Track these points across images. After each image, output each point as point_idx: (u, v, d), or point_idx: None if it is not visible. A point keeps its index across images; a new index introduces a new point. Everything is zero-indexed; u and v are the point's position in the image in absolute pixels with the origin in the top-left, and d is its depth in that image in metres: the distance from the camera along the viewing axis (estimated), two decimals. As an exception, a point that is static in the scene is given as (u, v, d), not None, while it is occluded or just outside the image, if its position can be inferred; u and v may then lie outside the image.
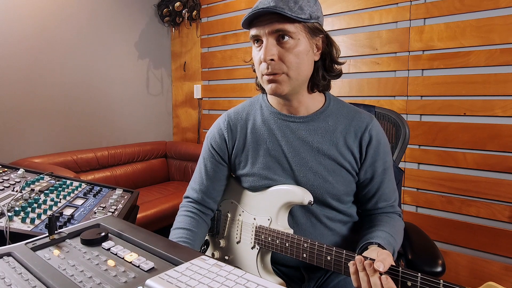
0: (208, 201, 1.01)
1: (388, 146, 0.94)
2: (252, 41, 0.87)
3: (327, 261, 0.79)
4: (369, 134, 0.90)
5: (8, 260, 0.59)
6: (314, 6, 0.83)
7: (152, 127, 3.17)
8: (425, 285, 0.65)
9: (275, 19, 0.79)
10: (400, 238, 0.90)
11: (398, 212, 0.96)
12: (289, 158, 0.91)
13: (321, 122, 0.91)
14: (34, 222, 0.85)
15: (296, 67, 0.83)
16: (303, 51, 0.83)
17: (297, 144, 0.91)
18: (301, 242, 0.83)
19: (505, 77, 1.71)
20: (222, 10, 2.86)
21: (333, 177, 0.89)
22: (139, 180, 2.78)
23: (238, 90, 2.80)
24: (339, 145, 0.90)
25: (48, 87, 2.40)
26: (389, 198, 0.94)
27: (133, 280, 0.55)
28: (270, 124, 0.94)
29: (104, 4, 2.71)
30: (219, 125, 1.00)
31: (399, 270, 0.68)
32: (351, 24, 2.17)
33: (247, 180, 0.97)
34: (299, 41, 0.82)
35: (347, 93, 2.16)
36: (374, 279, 0.67)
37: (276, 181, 0.92)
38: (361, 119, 0.91)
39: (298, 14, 0.79)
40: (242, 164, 0.97)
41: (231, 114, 1.00)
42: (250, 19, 0.82)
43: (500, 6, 1.70)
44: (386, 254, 0.71)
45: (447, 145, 1.89)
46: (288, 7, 0.78)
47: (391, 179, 0.95)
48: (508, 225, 1.75)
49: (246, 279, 0.53)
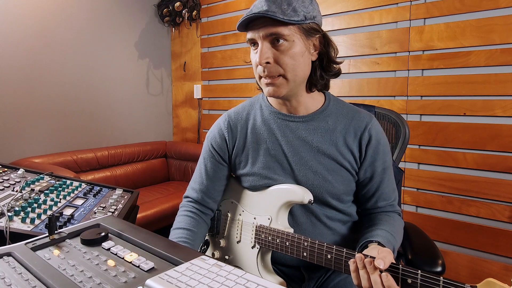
0: (208, 201, 1.01)
1: (387, 145, 0.95)
2: (249, 43, 0.87)
3: (327, 260, 0.79)
4: (368, 134, 0.90)
5: (8, 260, 0.59)
6: (309, 6, 0.83)
7: (152, 127, 3.17)
8: (425, 282, 0.65)
9: (269, 22, 0.80)
10: (400, 237, 0.90)
11: (398, 211, 0.97)
12: (289, 157, 0.91)
13: (320, 121, 0.91)
14: (34, 222, 0.85)
15: (292, 69, 0.83)
16: (298, 53, 0.83)
17: (297, 144, 0.91)
18: (301, 241, 0.83)
19: (505, 77, 1.71)
20: (222, 10, 2.86)
21: (333, 176, 0.89)
22: (139, 180, 2.78)
23: (238, 90, 2.80)
24: (339, 145, 0.90)
25: (48, 87, 2.40)
26: (389, 197, 0.95)
27: (133, 280, 0.55)
28: (270, 123, 0.94)
29: (104, 4, 2.71)
30: (219, 125, 1.01)
31: (399, 268, 0.68)
32: (351, 24, 2.17)
33: (247, 179, 0.97)
34: (293, 43, 0.82)
35: (347, 93, 2.16)
36: (374, 276, 0.68)
37: (276, 180, 0.93)
38: (360, 119, 0.92)
39: (291, 16, 0.79)
40: (243, 164, 0.98)
41: (232, 114, 1.01)
42: (245, 23, 0.83)
43: (500, 6, 1.70)
44: (387, 252, 0.71)
45: (447, 145, 1.89)
46: (281, 10, 0.78)
47: (390, 179, 0.95)
48: (508, 225, 1.75)
49: (246, 279, 0.53)
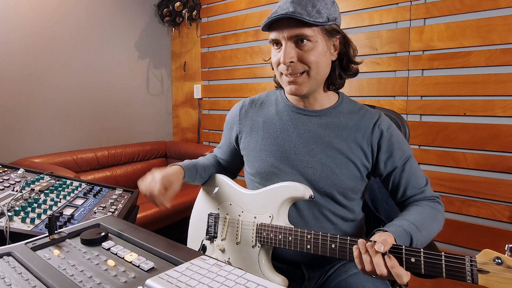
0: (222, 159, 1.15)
1: (401, 136, 0.95)
2: (272, 43, 0.90)
3: (331, 249, 0.80)
4: (379, 129, 0.91)
5: (8, 260, 0.59)
6: (331, 8, 0.86)
7: (152, 127, 3.17)
8: (427, 259, 0.68)
9: (294, 23, 0.83)
10: (428, 224, 0.86)
11: (431, 197, 0.94)
12: (299, 148, 0.93)
13: (333, 117, 0.94)
14: (34, 222, 0.85)
15: (316, 66, 0.87)
16: (321, 52, 0.86)
17: (307, 136, 0.94)
18: (304, 234, 0.84)
19: (505, 77, 1.71)
20: (222, 10, 2.86)
21: (341, 170, 0.91)
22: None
23: (238, 90, 2.80)
24: (349, 141, 0.92)
25: (48, 87, 2.40)
26: (418, 185, 0.93)
27: (133, 280, 0.55)
28: (283, 115, 0.98)
29: (104, 4, 2.71)
30: (233, 112, 1.09)
31: (402, 248, 0.70)
32: (351, 24, 2.17)
33: (254, 165, 0.99)
34: (316, 43, 0.85)
35: (347, 93, 2.12)
36: (376, 259, 0.70)
37: (282, 171, 0.94)
38: (370, 116, 0.94)
39: (316, 18, 0.82)
40: (252, 146, 1.01)
41: (246, 102, 1.07)
42: (269, 23, 0.86)
43: (500, 6, 1.70)
44: (387, 235, 0.73)
45: (447, 145, 1.89)
46: (306, 12, 0.81)
47: (414, 166, 0.93)
48: (508, 225, 1.75)
49: (246, 279, 0.53)
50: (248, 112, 1.04)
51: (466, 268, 0.65)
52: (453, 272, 0.66)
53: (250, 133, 1.02)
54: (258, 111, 1.03)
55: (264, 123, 1.00)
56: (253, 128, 1.02)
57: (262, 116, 1.01)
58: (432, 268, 0.68)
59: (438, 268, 0.67)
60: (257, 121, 1.02)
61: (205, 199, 1.10)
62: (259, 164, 0.98)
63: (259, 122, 1.01)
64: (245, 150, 1.04)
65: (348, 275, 0.92)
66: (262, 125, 1.00)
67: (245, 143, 1.03)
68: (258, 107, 1.04)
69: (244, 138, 1.04)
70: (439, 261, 0.67)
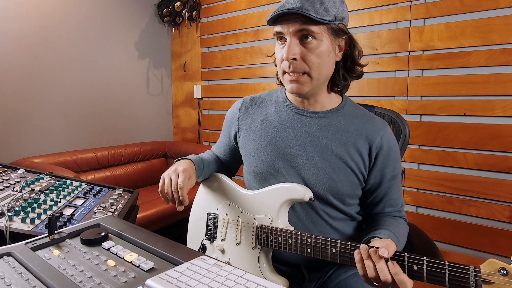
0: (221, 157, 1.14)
1: (398, 153, 0.94)
2: (276, 38, 0.88)
3: (332, 254, 0.79)
4: (381, 141, 0.89)
5: (8, 260, 0.59)
6: (340, 7, 0.84)
7: (152, 127, 3.17)
8: (430, 267, 0.67)
9: (300, 19, 0.81)
10: (403, 240, 0.89)
11: (404, 217, 0.97)
12: (296, 151, 0.92)
13: (333, 120, 0.92)
14: (34, 222, 0.85)
15: (317, 67, 0.84)
16: (325, 52, 0.84)
17: (305, 138, 0.92)
18: (304, 237, 0.83)
19: (505, 77, 1.71)
20: (222, 10, 2.86)
21: (337, 175, 0.89)
22: (139, 180, 2.78)
23: (238, 90, 2.80)
24: (348, 145, 0.89)
25: (48, 87, 2.40)
26: (396, 204, 0.95)
27: (133, 280, 0.55)
28: (282, 115, 0.96)
29: (104, 4, 2.71)
30: (233, 109, 1.07)
31: (404, 255, 0.69)
32: (351, 24, 2.16)
33: (251, 164, 0.98)
34: (322, 42, 0.83)
35: (347, 93, 2.15)
36: (380, 265, 0.68)
37: (279, 172, 0.93)
38: (374, 125, 0.91)
39: (323, 16, 0.80)
40: (250, 145, 0.99)
41: (247, 99, 1.05)
42: (275, 17, 0.84)
43: (500, 6, 1.70)
44: (389, 241, 0.72)
45: (447, 145, 1.89)
46: (314, 8, 0.79)
47: (399, 186, 0.95)
48: (508, 225, 1.75)
49: (246, 279, 0.53)
50: (247, 110, 1.02)
51: (470, 279, 0.63)
52: (457, 282, 0.64)
53: (248, 132, 1.00)
54: (257, 110, 1.01)
55: (262, 122, 0.98)
56: (251, 127, 1.00)
57: (261, 115, 0.99)
58: (434, 277, 0.66)
59: (441, 277, 0.66)
60: (256, 120, 1.00)
61: (204, 198, 1.09)
62: (256, 164, 0.96)
63: (258, 121, 0.99)
64: (243, 149, 1.02)
65: (348, 275, 0.92)
66: (260, 124, 0.98)
67: (243, 141, 1.02)
68: (258, 105, 1.02)
69: (243, 137, 1.02)
70: (443, 270, 0.66)
